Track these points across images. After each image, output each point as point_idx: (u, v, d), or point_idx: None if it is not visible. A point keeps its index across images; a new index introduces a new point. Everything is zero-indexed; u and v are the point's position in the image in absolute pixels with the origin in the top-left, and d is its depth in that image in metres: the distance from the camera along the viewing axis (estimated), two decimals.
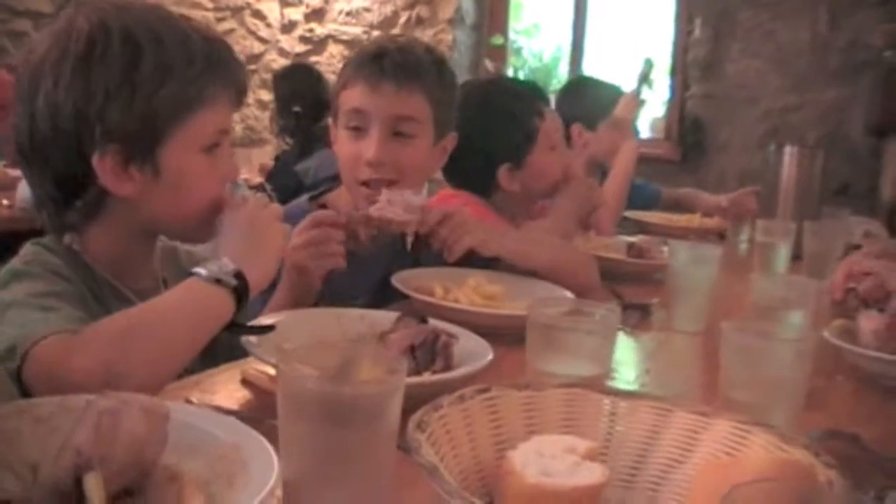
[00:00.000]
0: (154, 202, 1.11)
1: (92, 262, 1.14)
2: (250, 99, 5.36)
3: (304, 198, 1.64)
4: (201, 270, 1.02)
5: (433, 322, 1.14)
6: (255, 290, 1.06)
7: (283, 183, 3.33)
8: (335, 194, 1.65)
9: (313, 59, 5.14)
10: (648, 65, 2.87)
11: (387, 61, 1.53)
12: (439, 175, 1.89)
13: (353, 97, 1.54)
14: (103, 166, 1.07)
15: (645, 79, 2.85)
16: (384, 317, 1.19)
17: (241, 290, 1.03)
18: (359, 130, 1.54)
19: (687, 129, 4.52)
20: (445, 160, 1.67)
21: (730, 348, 0.94)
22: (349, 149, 1.55)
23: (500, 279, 1.50)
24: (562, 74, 5.33)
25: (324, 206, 1.44)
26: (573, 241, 1.96)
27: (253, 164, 4.55)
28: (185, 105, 1.09)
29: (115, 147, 1.06)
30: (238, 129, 5.36)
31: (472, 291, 1.40)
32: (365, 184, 1.53)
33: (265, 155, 4.42)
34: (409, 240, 1.53)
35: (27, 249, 1.13)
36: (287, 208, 1.59)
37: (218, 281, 1.01)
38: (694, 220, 2.84)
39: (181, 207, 1.13)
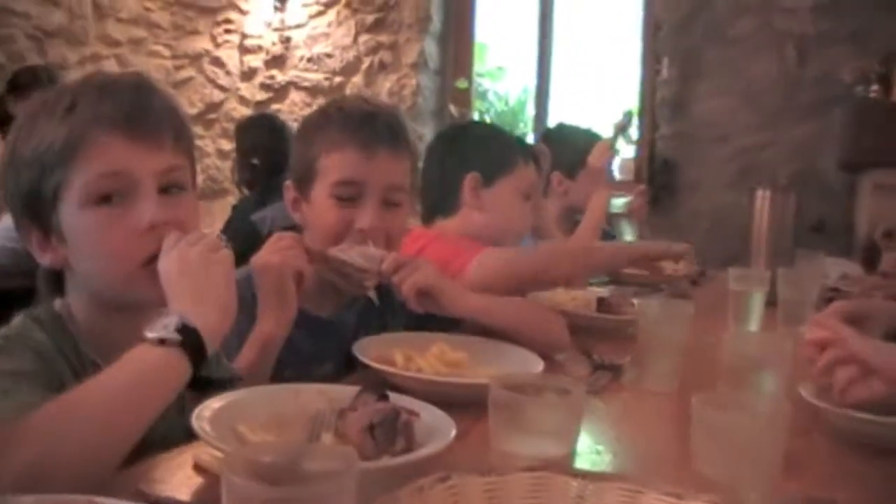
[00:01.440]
0: (78, 268, 1.12)
1: (77, 335, 1.13)
2: (210, 148, 5.36)
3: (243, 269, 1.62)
4: (147, 332, 0.99)
5: (394, 397, 1.12)
6: (218, 331, 1.03)
7: (239, 230, 3.32)
8: None
9: (275, 106, 5.17)
10: (628, 117, 2.93)
11: (381, 126, 1.54)
12: None
13: (344, 165, 1.53)
14: (28, 236, 1.12)
15: (623, 130, 2.91)
16: (343, 392, 1.17)
17: (192, 344, 0.99)
18: (350, 200, 1.54)
19: (657, 169, 4.57)
20: None
21: (700, 423, 0.94)
22: (337, 217, 1.54)
23: (465, 345, 1.49)
24: (528, 117, 5.40)
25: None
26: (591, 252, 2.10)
27: (214, 216, 4.53)
28: (59, 159, 1.08)
29: (27, 217, 1.11)
30: (199, 179, 5.36)
31: (435, 359, 1.39)
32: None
33: (227, 206, 4.41)
34: (372, 294, 1.52)
35: (15, 321, 1.13)
36: (245, 270, 1.59)
37: (162, 341, 0.98)
38: (665, 268, 2.85)
39: (96, 269, 1.11)
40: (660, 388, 1.49)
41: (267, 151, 3.63)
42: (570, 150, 2.92)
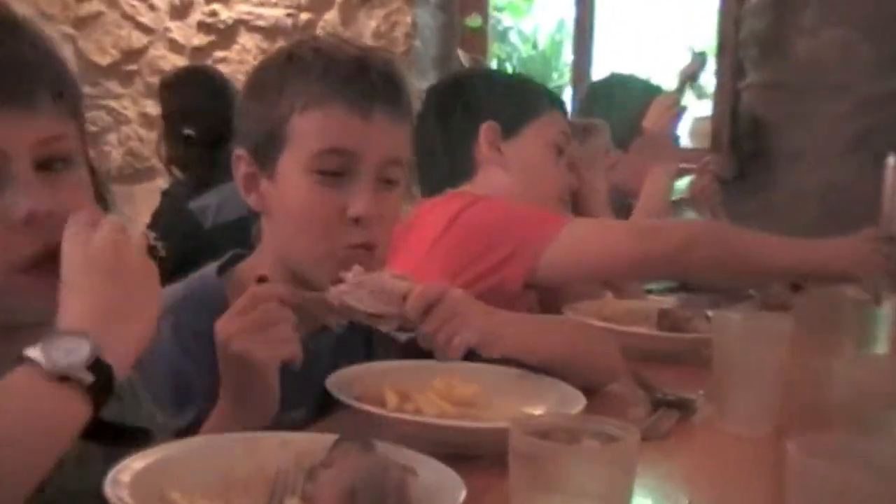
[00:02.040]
0: None
1: None
2: (131, 112, 5.39)
3: (209, 268, 1.64)
4: (36, 355, 0.96)
5: (382, 448, 1.14)
6: (133, 356, 1.04)
7: (174, 227, 3.35)
8: (250, 263, 1.64)
9: (219, 53, 5.18)
10: (699, 61, 2.91)
11: (376, 76, 1.56)
12: None
13: (330, 128, 1.54)
14: None
15: (692, 79, 2.91)
16: (315, 442, 1.19)
17: (103, 383, 0.98)
18: (337, 177, 1.55)
19: (743, 133, 4.56)
20: None
21: (801, 479, 0.94)
22: (320, 200, 1.54)
23: (477, 375, 1.51)
24: (565, 64, 5.41)
25: (263, 279, 1.43)
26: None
27: (137, 205, 4.56)
28: None
29: None
30: (116, 155, 5.38)
31: (438, 396, 1.41)
32: (350, 251, 1.54)
33: (156, 192, 4.43)
34: (397, 335, 1.51)
35: None
36: (189, 286, 1.62)
37: (63, 378, 0.96)
38: None
39: None
40: (745, 432, 1.51)
41: (204, 118, 3.63)
42: (620, 109, 2.93)
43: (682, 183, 3.42)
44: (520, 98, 2.26)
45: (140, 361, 1.17)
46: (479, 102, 2.24)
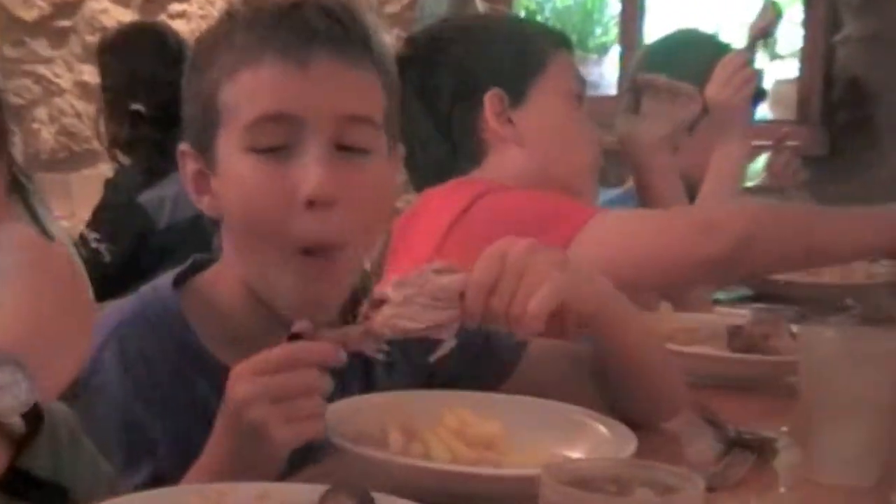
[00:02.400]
0: None
1: None
2: (65, 81, 5.41)
3: (164, 279, 1.64)
4: None
5: (382, 501, 1.15)
6: (58, 389, 1.05)
7: (120, 225, 3.37)
8: (210, 278, 1.65)
9: (175, 7, 5.20)
10: (773, 12, 2.91)
11: (313, 13, 1.52)
12: None
13: (257, 91, 1.51)
14: None
15: (764, 35, 2.90)
16: (301, 494, 1.20)
17: (30, 429, 0.99)
18: (280, 152, 1.51)
19: (838, 99, 4.55)
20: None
21: None
22: (260, 182, 1.51)
23: (499, 409, 1.51)
24: (611, 18, 5.40)
25: (297, 336, 1.40)
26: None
27: (74, 198, 4.57)
28: None
29: None
30: (46, 134, 5.40)
31: (451, 435, 1.41)
32: (307, 251, 1.52)
33: (98, 182, 4.44)
34: (441, 352, 1.51)
35: None
36: (139, 302, 1.61)
37: None
38: (855, 271, 2.86)
39: None
40: (842, 480, 1.50)
41: (156, 90, 3.62)
42: (685, 73, 2.92)
43: (759, 165, 3.40)
44: (519, 48, 2.27)
45: (81, 402, 1.20)
46: (471, 64, 2.25)
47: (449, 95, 2.25)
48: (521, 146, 2.23)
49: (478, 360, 1.52)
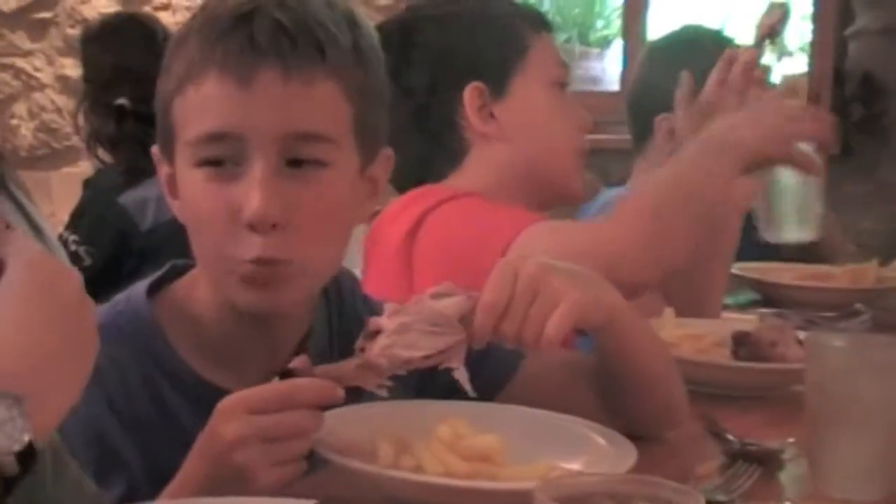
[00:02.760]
0: None
1: None
2: (45, 76, 5.41)
3: (138, 287, 1.64)
4: None
5: None
6: (52, 429, 1.05)
7: (101, 227, 3.36)
8: (185, 284, 1.65)
9: None
10: (780, 11, 2.91)
11: (261, 25, 1.50)
12: None
13: (200, 108, 1.51)
14: None
15: (772, 34, 2.90)
16: None
17: (24, 467, 0.98)
18: (225, 167, 1.51)
19: (850, 94, 4.55)
20: (378, 197, 1.69)
21: None
22: (208, 204, 1.51)
23: (495, 420, 1.51)
24: (612, 11, 5.39)
25: (288, 373, 1.39)
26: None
27: (54, 200, 4.56)
28: None
29: None
30: (25, 130, 5.40)
31: (445, 448, 1.40)
32: (254, 262, 1.51)
33: (77, 181, 4.44)
34: (462, 383, 1.50)
35: None
36: (111, 311, 1.59)
37: None
38: (864, 272, 2.87)
39: None
40: (851, 495, 1.49)
41: (141, 83, 3.61)
42: (691, 71, 2.93)
43: None
44: (498, 35, 2.23)
45: None
46: (446, 55, 2.22)
47: (424, 90, 2.23)
48: (505, 142, 2.21)
49: (474, 369, 1.51)
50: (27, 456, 0.97)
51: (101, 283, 3.11)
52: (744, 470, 1.56)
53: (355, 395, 1.49)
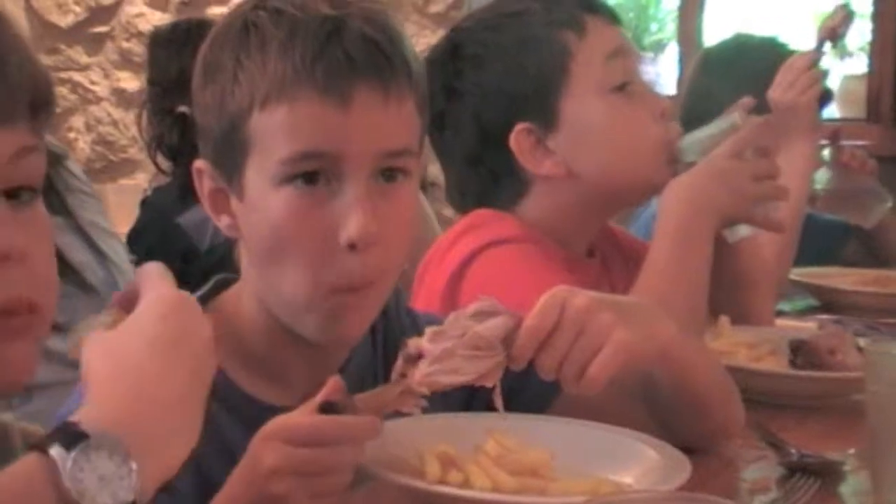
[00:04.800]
0: None
1: None
2: (102, 89, 5.45)
3: None
4: (60, 459, 0.93)
5: None
6: (154, 491, 1.01)
7: (161, 249, 3.36)
8: (233, 297, 1.63)
9: (214, 10, 5.22)
10: (845, 15, 2.89)
11: (354, 44, 1.49)
12: None
13: (295, 127, 1.49)
14: None
15: (834, 37, 2.88)
16: None
17: None
18: (318, 185, 1.50)
19: None
20: None
21: None
22: (301, 224, 1.49)
23: (542, 434, 1.51)
24: (666, 15, 5.37)
25: (329, 407, 1.37)
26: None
27: (111, 210, 4.57)
28: None
29: None
30: (83, 143, 5.43)
31: (492, 463, 1.39)
32: (337, 288, 1.49)
33: (136, 192, 4.46)
34: (498, 397, 1.48)
35: None
36: None
37: None
38: None
39: None
40: None
41: None
42: (746, 80, 2.92)
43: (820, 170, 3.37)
44: (534, 56, 2.11)
45: None
46: (485, 97, 2.12)
47: (473, 139, 2.14)
48: (569, 177, 2.10)
49: (520, 385, 1.49)
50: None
51: None
52: (802, 482, 1.54)
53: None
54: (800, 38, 3.13)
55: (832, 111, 4.42)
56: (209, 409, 1.51)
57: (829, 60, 2.97)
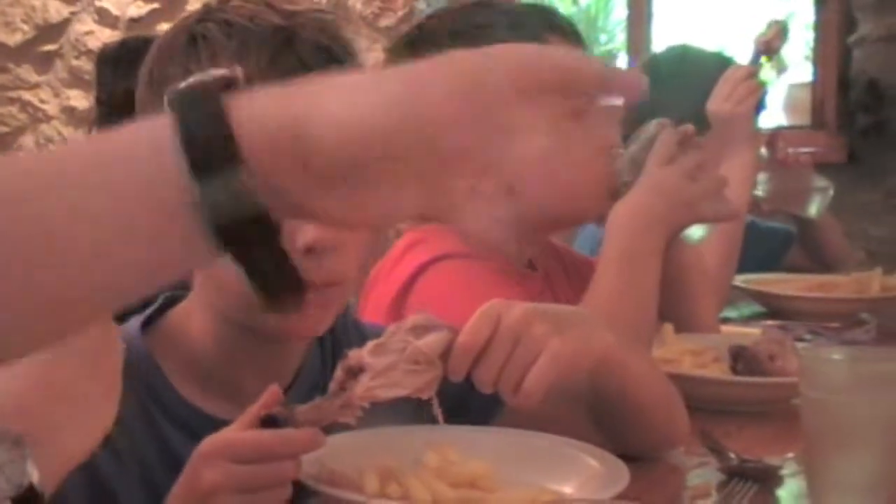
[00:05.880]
0: None
1: None
2: (51, 107, 5.42)
3: (132, 323, 1.62)
4: None
5: None
6: (65, 472, 1.04)
7: None
8: (179, 314, 1.63)
9: (163, 27, 5.19)
10: (778, 30, 2.92)
11: (306, 51, 1.50)
12: None
13: None
14: None
15: (769, 52, 2.91)
16: None
17: None
18: None
19: (855, 102, 4.54)
20: None
21: None
22: None
23: (483, 445, 1.51)
24: (614, 26, 5.39)
25: (270, 419, 1.37)
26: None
27: None
28: None
29: None
30: None
31: (432, 476, 1.39)
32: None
33: None
34: (436, 409, 1.48)
35: None
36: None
37: None
38: (869, 281, 2.85)
39: None
40: None
41: None
42: (691, 89, 2.94)
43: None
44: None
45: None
46: None
47: None
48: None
49: (463, 399, 1.50)
50: (28, 501, 0.94)
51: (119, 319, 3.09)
52: (740, 487, 1.55)
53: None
54: (746, 50, 3.14)
55: (779, 119, 4.47)
56: (159, 426, 1.53)
57: (767, 74, 3.00)
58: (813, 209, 3.24)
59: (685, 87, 2.98)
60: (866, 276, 2.92)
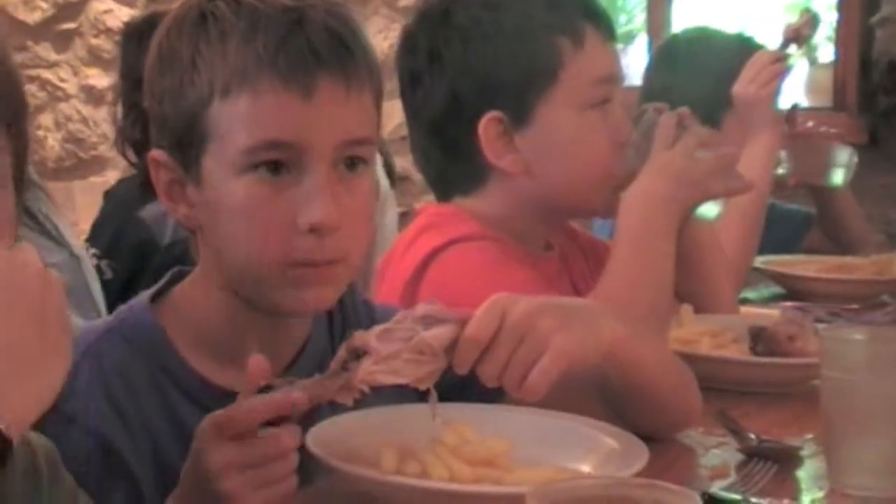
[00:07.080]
0: None
1: None
2: (71, 86, 5.43)
3: (141, 296, 1.63)
4: None
5: None
6: (26, 422, 1.03)
7: (121, 241, 3.34)
8: (186, 289, 1.64)
9: None
10: (809, 19, 2.91)
11: (317, 36, 1.50)
12: None
13: (258, 117, 1.50)
14: None
15: (799, 40, 2.90)
16: None
17: None
18: (279, 174, 1.51)
19: (877, 84, 4.52)
20: None
21: None
22: (262, 211, 1.51)
23: (500, 424, 1.51)
24: (633, 9, 5.37)
25: (267, 388, 1.37)
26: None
27: (77, 208, 4.55)
28: None
29: None
30: (52, 141, 5.41)
31: (449, 453, 1.39)
32: (304, 269, 1.51)
33: (101, 189, 4.42)
34: (433, 401, 1.48)
35: None
36: (115, 319, 1.62)
37: None
38: (889, 262, 2.85)
39: None
40: (867, 491, 1.47)
41: None
42: (710, 71, 2.94)
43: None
44: (526, 52, 2.08)
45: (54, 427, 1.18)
46: (466, 73, 2.08)
47: (442, 110, 2.10)
48: (526, 173, 2.08)
49: (473, 379, 1.50)
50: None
51: (124, 297, 3.08)
52: (759, 468, 1.55)
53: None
54: (767, 35, 3.12)
55: (801, 100, 4.45)
56: (170, 397, 1.54)
57: (796, 61, 2.99)
58: (838, 178, 3.22)
59: (704, 69, 2.98)
60: (886, 258, 2.92)
